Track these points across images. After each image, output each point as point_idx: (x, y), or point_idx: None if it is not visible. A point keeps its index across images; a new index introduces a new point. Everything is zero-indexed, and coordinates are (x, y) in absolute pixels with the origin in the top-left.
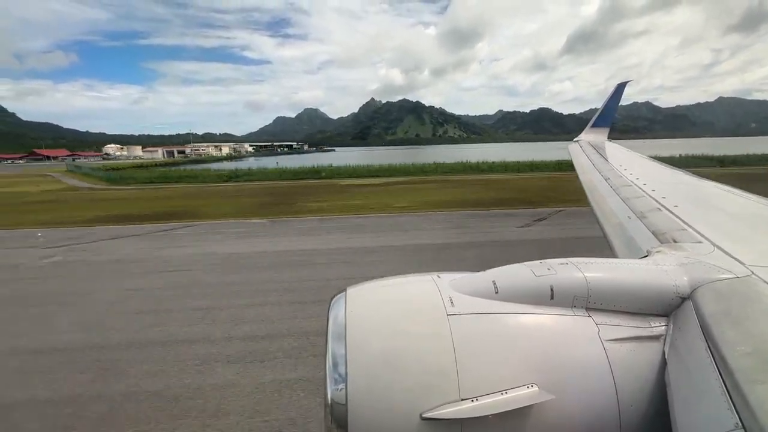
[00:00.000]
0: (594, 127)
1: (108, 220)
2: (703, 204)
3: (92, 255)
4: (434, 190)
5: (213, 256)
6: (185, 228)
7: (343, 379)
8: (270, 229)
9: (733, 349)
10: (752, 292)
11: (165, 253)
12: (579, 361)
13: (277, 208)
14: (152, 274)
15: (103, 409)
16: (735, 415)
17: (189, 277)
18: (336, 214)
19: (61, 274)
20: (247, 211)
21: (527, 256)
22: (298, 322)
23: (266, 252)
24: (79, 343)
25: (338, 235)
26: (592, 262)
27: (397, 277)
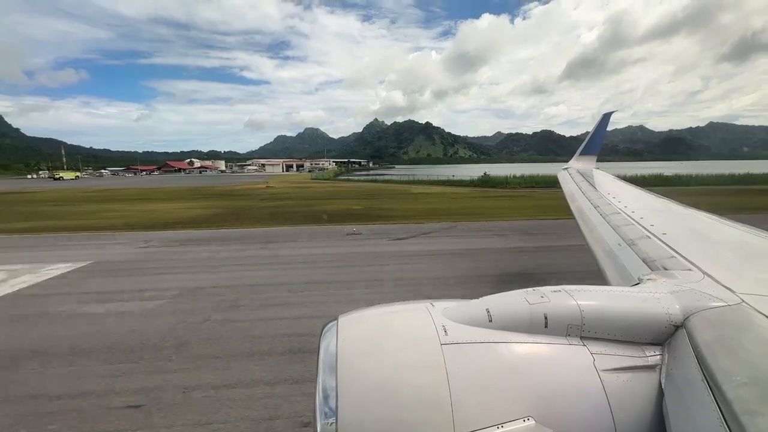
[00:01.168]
0: (582, 155)
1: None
2: (690, 232)
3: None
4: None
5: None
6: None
7: (333, 412)
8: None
9: (729, 379)
10: (744, 321)
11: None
12: (575, 393)
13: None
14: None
15: None
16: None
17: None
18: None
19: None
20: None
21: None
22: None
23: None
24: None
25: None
26: (585, 289)
27: (390, 305)
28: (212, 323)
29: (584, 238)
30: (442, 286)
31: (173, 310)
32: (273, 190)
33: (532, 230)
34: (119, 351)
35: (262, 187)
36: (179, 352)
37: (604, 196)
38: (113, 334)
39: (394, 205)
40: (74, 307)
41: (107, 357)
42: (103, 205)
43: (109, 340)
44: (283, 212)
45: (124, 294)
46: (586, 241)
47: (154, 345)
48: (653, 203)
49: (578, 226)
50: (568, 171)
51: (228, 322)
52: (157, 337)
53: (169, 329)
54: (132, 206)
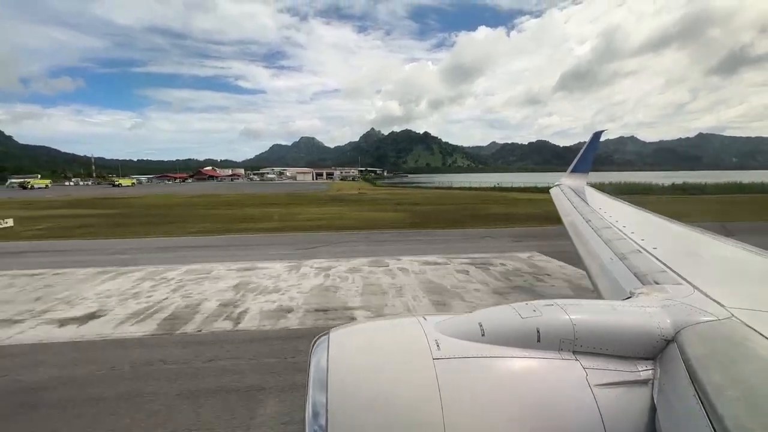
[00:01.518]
0: (574, 173)
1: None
2: (680, 246)
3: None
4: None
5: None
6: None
7: (323, 431)
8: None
9: (720, 394)
10: (734, 335)
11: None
12: (569, 409)
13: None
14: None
15: None
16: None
17: None
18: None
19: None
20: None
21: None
22: None
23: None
24: None
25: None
26: (577, 303)
27: (383, 319)
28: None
29: (577, 251)
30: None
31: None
32: (372, 195)
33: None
34: None
35: (354, 193)
36: None
37: (596, 211)
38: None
39: (531, 209)
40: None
41: None
42: (248, 210)
43: None
44: (464, 215)
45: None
46: (579, 255)
47: None
48: (643, 218)
49: (572, 241)
50: (560, 187)
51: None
52: None
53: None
54: (287, 210)
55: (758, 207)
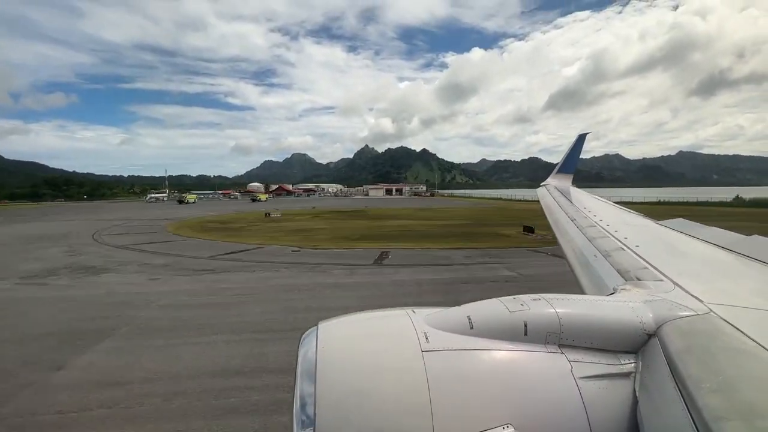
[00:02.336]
0: (559, 173)
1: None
2: (662, 245)
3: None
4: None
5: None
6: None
7: (311, 421)
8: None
9: (698, 386)
10: (712, 329)
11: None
12: (554, 400)
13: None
14: None
15: None
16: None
17: None
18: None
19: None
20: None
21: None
22: None
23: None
24: None
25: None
26: (563, 298)
27: (371, 311)
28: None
29: (561, 249)
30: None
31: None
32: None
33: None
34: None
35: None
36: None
37: (581, 210)
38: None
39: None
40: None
41: None
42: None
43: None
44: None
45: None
46: (564, 252)
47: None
48: (627, 218)
49: (556, 238)
50: (546, 187)
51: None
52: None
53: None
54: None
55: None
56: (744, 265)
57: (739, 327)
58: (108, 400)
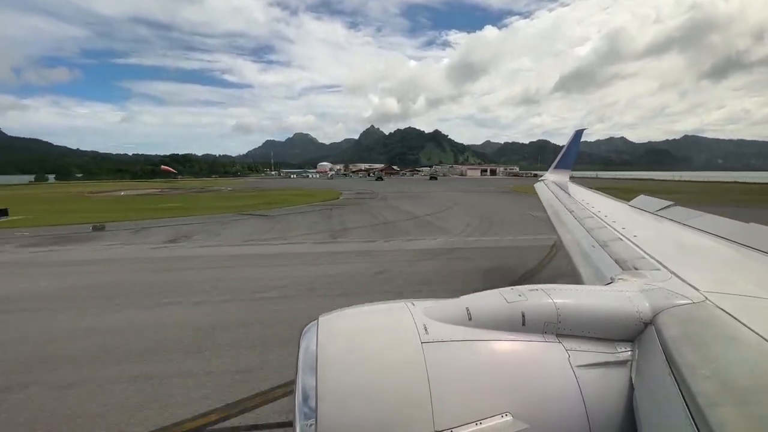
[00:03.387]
0: (557, 168)
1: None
2: (659, 235)
3: None
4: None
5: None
6: None
7: (313, 413)
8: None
9: (694, 373)
10: (708, 318)
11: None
12: (551, 388)
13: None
14: None
15: None
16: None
17: None
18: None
19: None
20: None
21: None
22: None
23: None
24: None
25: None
26: (560, 288)
27: (371, 304)
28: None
29: (561, 240)
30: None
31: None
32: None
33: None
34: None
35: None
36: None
37: (579, 202)
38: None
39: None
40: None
41: None
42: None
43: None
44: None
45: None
46: (563, 243)
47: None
48: (624, 210)
49: (555, 230)
50: (544, 182)
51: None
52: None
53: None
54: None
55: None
56: (740, 253)
57: (735, 315)
58: None
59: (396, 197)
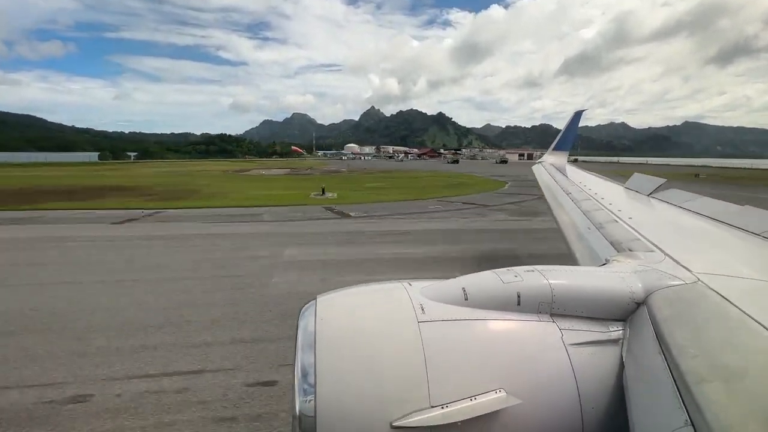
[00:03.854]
0: (556, 150)
1: None
2: (655, 216)
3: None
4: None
5: None
6: None
7: (312, 389)
8: None
9: (683, 351)
10: (699, 298)
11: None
12: (544, 366)
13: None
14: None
15: None
16: (684, 412)
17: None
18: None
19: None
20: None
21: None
22: None
23: None
24: None
25: None
26: (556, 269)
27: (368, 285)
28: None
29: (556, 222)
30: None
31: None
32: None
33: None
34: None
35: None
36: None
37: (576, 184)
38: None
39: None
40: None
41: None
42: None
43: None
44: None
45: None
46: (558, 225)
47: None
48: (621, 192)
49: (552, 212)
50: (542, 164)
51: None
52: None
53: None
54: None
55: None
56: (734, 235)
57: (726, 296)
58: None
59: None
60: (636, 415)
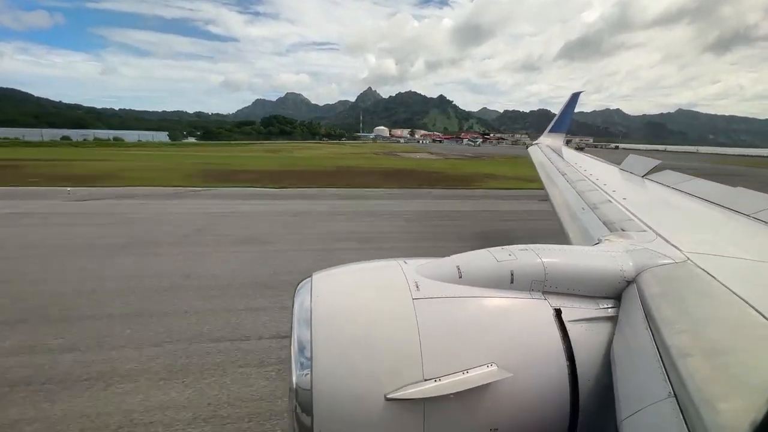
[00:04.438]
0: (552, 132)
1: None
2: (648, 197)
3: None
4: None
5: None
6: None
7: (308, 363)
8: None
9: (669, 327)
10: (688, 276)
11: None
12: (536, 342)
13: None
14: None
15: None
16: (669, 385)
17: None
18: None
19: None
20: None
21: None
22: None
23: None
24: None
25: None
26: (549, 248)
27: (364, 263)
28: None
29: (551, 202)
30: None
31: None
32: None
33: None
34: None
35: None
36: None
37: (572, 165)
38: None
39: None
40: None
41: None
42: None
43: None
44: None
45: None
46: (552, 206)
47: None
48: (615, 173)
49: (547, 193)
50: (538, 145)
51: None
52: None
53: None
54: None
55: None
56: (725, 216)
57: (713, 274)
58: None
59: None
60: (622, 387)
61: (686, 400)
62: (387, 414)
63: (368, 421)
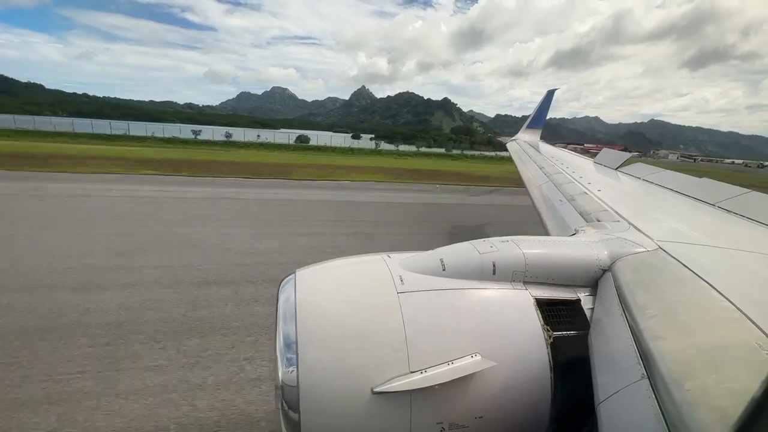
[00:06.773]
0: (529, 128)
1: None
2: (622, 189)
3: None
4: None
5: None
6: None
7: (294, 360)
8: None
9: (642, 312)
10: (659, 264)
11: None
12: (518, 331)
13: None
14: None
15: None
16: (642, 367)
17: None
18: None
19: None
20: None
21: None
22: None
23: None
24: None
25: None
26: (529, 239)
27: (348, 258)
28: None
29: (529, 195)
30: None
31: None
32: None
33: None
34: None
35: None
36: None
37: (548, 159)
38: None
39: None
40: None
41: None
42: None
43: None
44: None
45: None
46: (531, 198)
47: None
48: (590, 166)
49: (525, 186)
50: (516, 141)
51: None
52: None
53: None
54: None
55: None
56: (692, 206)
57: (683, 261)
58: None
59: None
60: (599, 371)
61: (658, 380)
62: (374, 407)
63: (356, 416)
